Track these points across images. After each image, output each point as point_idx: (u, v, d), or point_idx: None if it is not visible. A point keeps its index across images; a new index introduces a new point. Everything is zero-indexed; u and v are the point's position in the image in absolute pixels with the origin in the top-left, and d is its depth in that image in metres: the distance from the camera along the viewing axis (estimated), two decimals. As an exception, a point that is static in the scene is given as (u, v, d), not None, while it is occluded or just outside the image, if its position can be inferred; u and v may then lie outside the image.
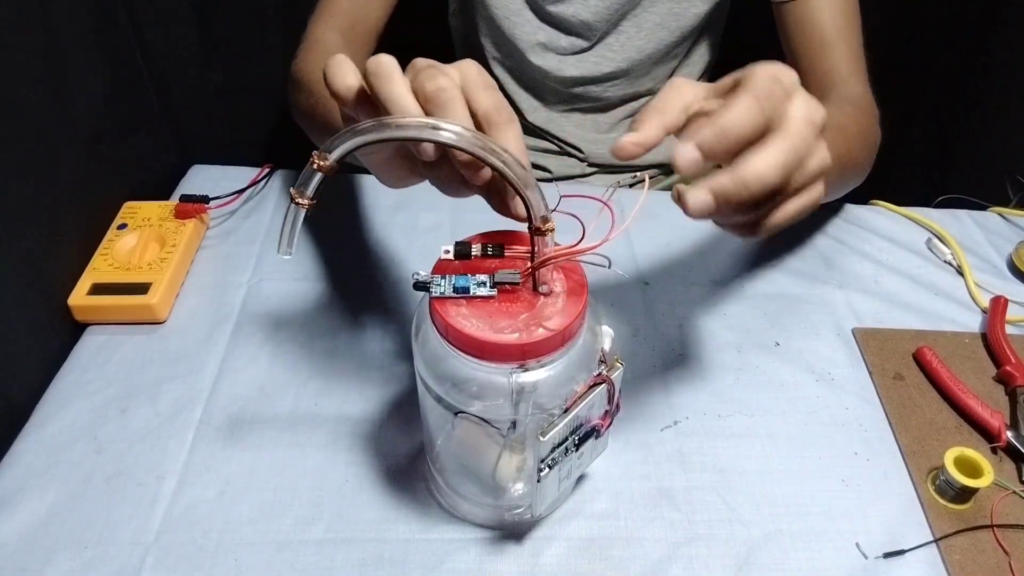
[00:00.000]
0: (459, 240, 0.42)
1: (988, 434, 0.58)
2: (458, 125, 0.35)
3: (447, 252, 0.42)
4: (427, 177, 0.41)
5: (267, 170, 0.79)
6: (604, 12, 0.79)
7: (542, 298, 0.40)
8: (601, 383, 0.43)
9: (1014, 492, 0.54)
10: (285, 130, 0.99)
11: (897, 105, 1.14)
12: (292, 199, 0.37)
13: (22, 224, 0.58)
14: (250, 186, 0.77)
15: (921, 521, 0.53)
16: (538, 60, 0.83)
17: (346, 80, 0.38)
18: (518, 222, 0.39)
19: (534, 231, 0.38)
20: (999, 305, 0.67)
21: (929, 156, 1.14)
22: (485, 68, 0.89)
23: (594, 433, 0.45)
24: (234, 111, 0.91)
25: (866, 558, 0.50)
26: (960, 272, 0.73)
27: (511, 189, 0.36)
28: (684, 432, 0.58)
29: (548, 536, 0.51)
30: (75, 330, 0.63)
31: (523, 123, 0.90)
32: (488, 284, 0.40)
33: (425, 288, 0.40)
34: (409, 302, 0.43)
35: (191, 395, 0.58)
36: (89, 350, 0.62)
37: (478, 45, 0.87)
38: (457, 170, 0.37)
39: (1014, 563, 0.50)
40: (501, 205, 0.40)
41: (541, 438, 0.40)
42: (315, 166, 0.36)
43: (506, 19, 0.82)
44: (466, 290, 0.39)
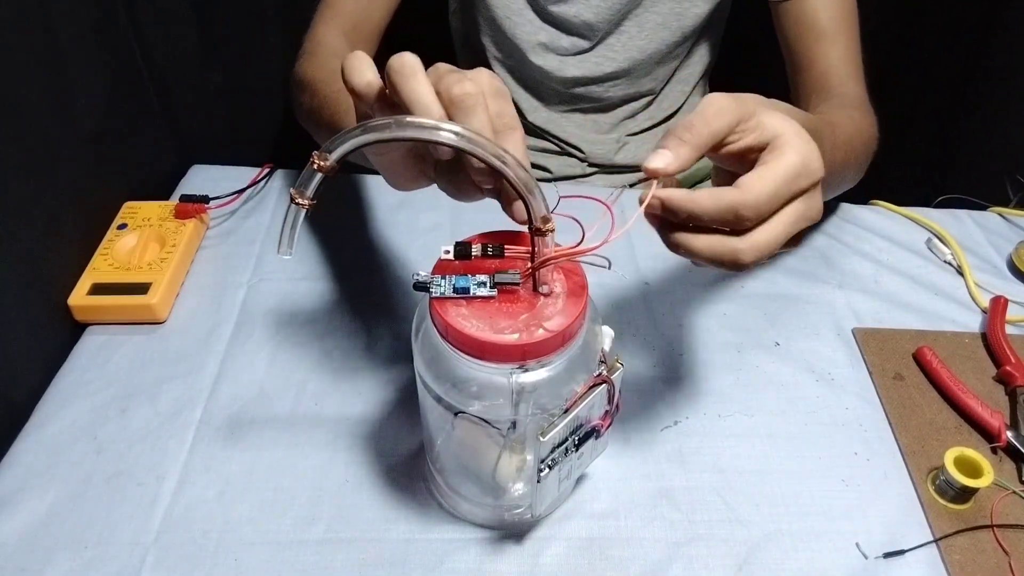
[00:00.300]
0: (459, 240, 0.42)
1: (988, 434, 0.58)
2: (458, 125, 0.35)
3: (447, 252, 0.42)
4: (437, 181, 0.41)
5: (267, 170, 0.79)
6: (606, 12, 0.79)
7: (542, 298, 0.40)
8: (601, 383, 0.43)
9: (1014, 492, 0.54)
10: (285, 130, 0.99)
11: (897, 105, 1.14)
12: (292, 199, 0.37)
13: (22, 224, 0.58)
14: (250, 186, 0.77)
15: (921, 521, 0.53)
16: (539, 60, 0.83)
17: (365, 76, 0.38)
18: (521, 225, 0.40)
19: (534, 231, 0.38)
20: (999, 305, 0.67)
21: (929, 156, 1.14)
22: (485, 68, 0.88)
23: (594, 433, 0.45)
24: (234, 111, 0.91)
25: (866, 558, 0.50)
26: (960, 272, 0.73)
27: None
28: (684, 432, 0.58)
29: (548, 536, 0.51)
30: (75, 330, 0.63)
31: (523, 123, 0.90)
32: (488, 284, 0.40)
33: (425, 288, 0.40)
34: (409, 302, 0.43)
35: (191, 395, 0.59)
36: (89, 350, 0.62)
37: (478, 45, 0.87)
38: (468, 174, 0.38)
39: (1014, 563, 0.50)
40: (509, 207, 0.40)
41: (541, 438, 0.40)
42: (315, 166, 0.36)
43: (507, 19, 0.82)
44: (466, 290, 0.39)
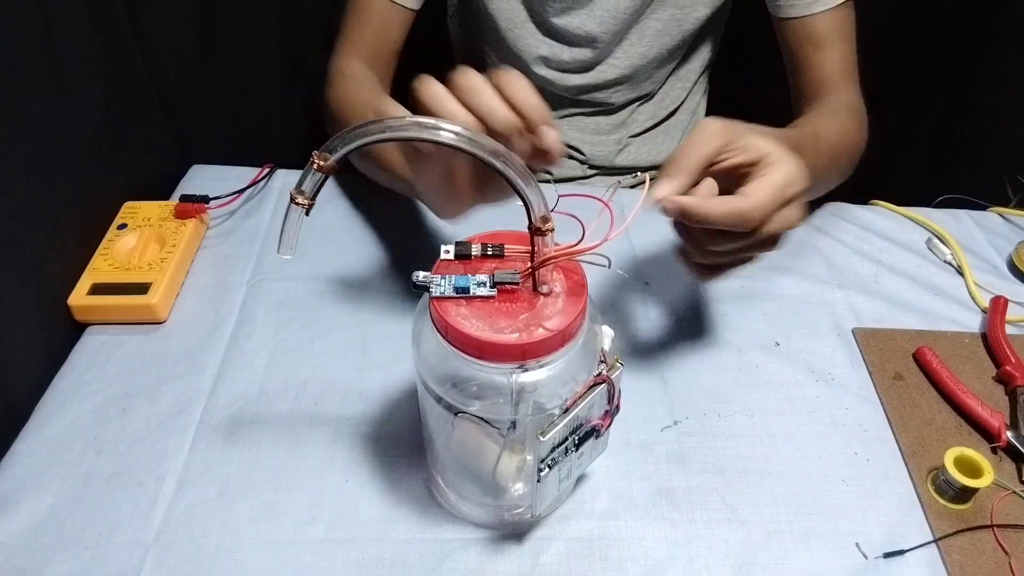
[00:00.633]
0: (459, 240, 0.42)
1: (988, 434, 0.58)
2: (457, 125, 0.35)
3: (447, 252, 0.42)
4: (479, 199, 0.46)
5: (267, 170, 0.79)
6: (611, 23, 0.79)
7: (542, 298, 0.40)
8: (601, 383, 0.43)
9: (1014, 492, 0.54)
10: (285, 130, 0.99)
11: (898, 105, 1.14)
12: (292, 199, 0.37)
13: (22, 224, 0.58)
14: (250, 186, 0.77)
15: (921, 521, 0.53)
16: (541, 71, 0.84)
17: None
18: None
19: (534, 231, 0.38)
20: (999, 305, 0.67)
21: (929, 156, 1.14)
22: (483, 73, 0.89)
23: (594, 433, 0.45)
24: (234, 111, 0.91)
25: (866, 558, 0.50)
26: (960, 272, 0.73)
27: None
28: (684, 432, 0.58)
29: (548, 536, 0.51)
30: (75, 330, 0.63)
31: None
32: (488, 284, 0.40)
33: (425, 288, 0.40)
34: (409, 302, 0.43)
35: (191, 395, 0.59)
36: (89, 350, 0.62)
37: (479, 51, 0.87)
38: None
39: (1014, 563, 0.50)
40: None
41: (541, 438, 0.40)
42: (315, 166, 0.36)
43: (509, 31, 0.82)
44: (466, 290, 0.39)
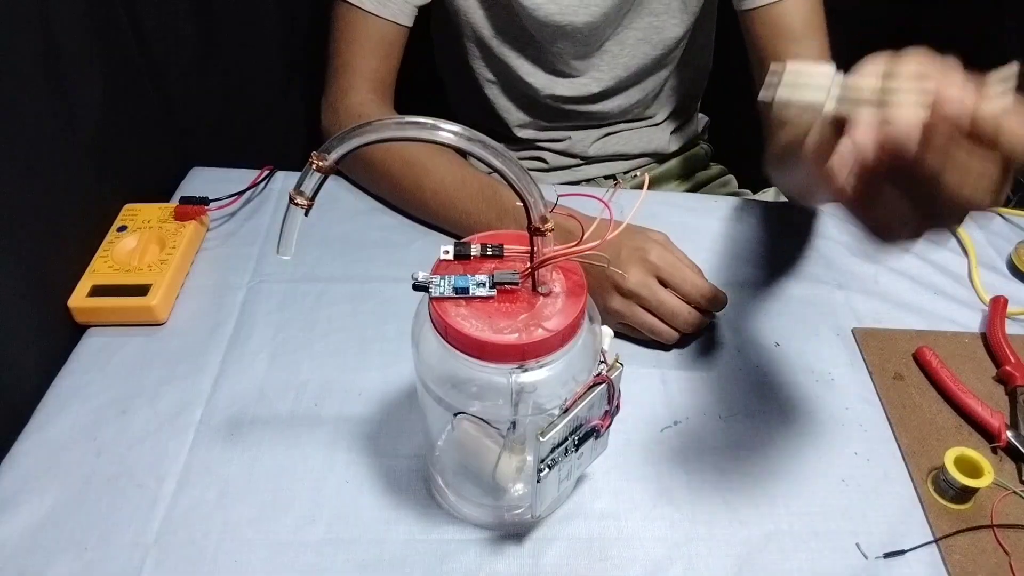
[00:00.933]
0: (459, 240, 0.42)
1: (988, 434, 0.58)
2: (456, 125, 0.35)
3: (447, 252, 0.42)
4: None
5: (267, 172, 0.79)
6: (584, 50, 0.81)
7: (541, 298, 0.40)
8: (601, 383, 0.43)
9: (1014, 492, 0.54)
10: (285, 131, 0.99)
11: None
12: (291, 200, 0.37)
13: (22, 226, 0.58)
14: (250, 188, 0.77)
15: (921, 521, 0.53)
16: (530, 79, 0.85)
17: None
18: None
19: (533, 231, 0.38)
20: (999, 305, 0.67)
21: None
22: (474, 83, 0.88)
23: (594, 433, 0.45)
24: (234, 113, 0.91)
25: (866, 558, 0.50)
26: (965, 252, 0.75)
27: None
28: (684, 432, 0.58)
29: (548, 536, 0.51)
30: (75, 332, 0.63)
31: (513, 137, 0.91)
32: (488, 284, 0.40)
33: (425, 289, 0.40)
34: (409, 303, 0.43)
35: (191, 396, 0.58)
36: (89, 352, 0.62)
37: (467, 67, 0.87)
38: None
39: (1014, 563, 0.50)
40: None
41: (541, 438, 0.40)
42: (314, 167, 0.36)
43: (492, 38, 0.82)
44: (466, 290, 0.39)
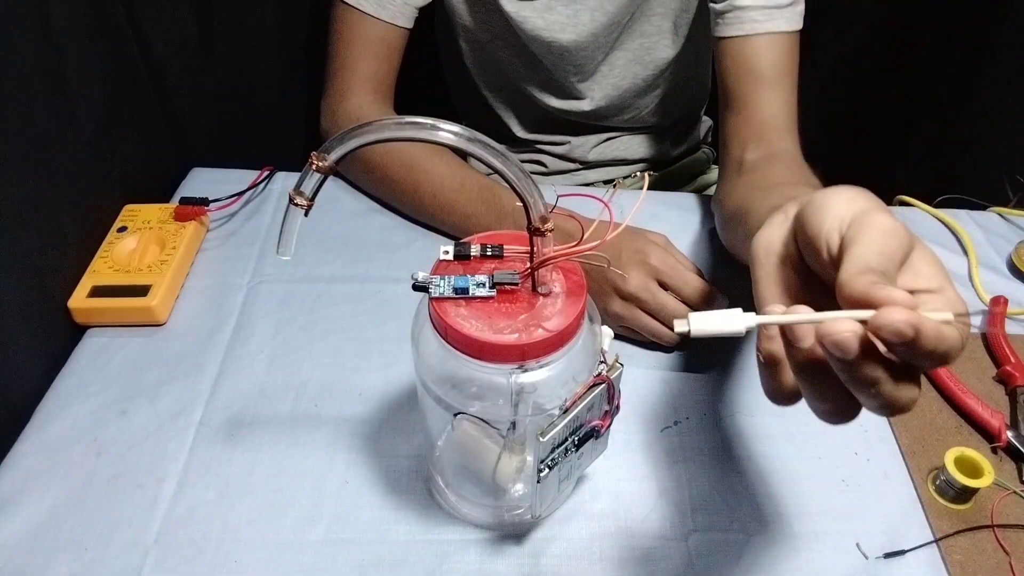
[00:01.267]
0: (459, 240, 0.42)
1: (988, 434, 0.58)
2: (456, 125, 0.35)
3: (447, 253, 0.42)
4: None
5: (267, 172, 0.79)
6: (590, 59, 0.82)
7: (541, 298, 0.40)
8: (601, 383, 0.43)
9: (1014, 492, 0.54)
10: (285, 131, 0.99)
11: (898, 106, 1.14)
12: (291, 200, 0.37)
13: (22, 226, 0.58)
14: (250, 188, 0.77)
15: (921, 521, 0.53)
16: (527, 86, 0.85)
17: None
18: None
19: (533, 231, 0.38)
20: (999, 305, 0.67)
21: (929, 156, 1.14)
22: (472, 85, 0.89)
23: (594, 433, 0.45)
24: (234, 113, 0.91)
25: (866, 558, 0.50)
26: (965, 252, 0.75)
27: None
28: (684, 432, 0.58)
29: (548, 537, 0.51)
30: (75, 332, 0.63)
31: (513, 138, 0.91)
32: (487, 285, 0.40)
33: (424, 289, 0.40)
34: (409, 303, 0.43)
35: (191, 397, 0.58)
36: (89, 352, 0.62)
37: (464, 66, 0.87)
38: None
39: (1014, 563, 0.50)
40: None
41: (541, 438, 0.40)
42: (314, 167, 0.36)
43: (490, 43, 0.82)
44: (465, 291, 0.39)
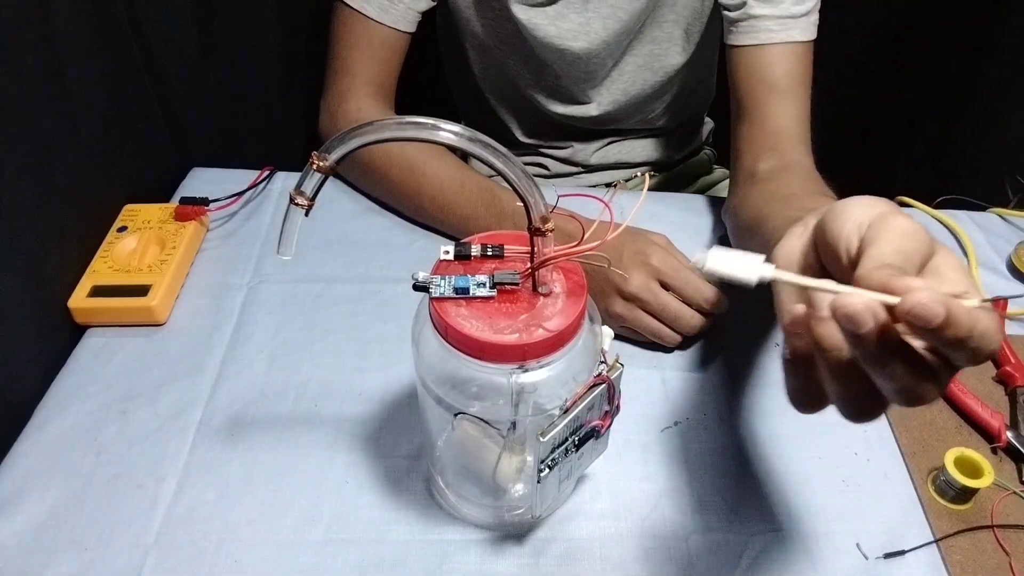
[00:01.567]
0: (459, 240, 0.42)
1: (988, 434, 0.58)
2: (457, 125, 0.35)
3: (447, 253, 0.42)
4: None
5: (267, 172, 0.79)
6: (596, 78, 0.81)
7: (542, 299, 0.40)
8: (601, 383, 0.43)
9: (1014, 492, 0.54)
10: (285, 131, 0.99)
11: (898, 107, 1.15)
12: (292, 200, 0.37)
13: (22, 226, 0.58)
14: (250, 188, 0.77)
15: (921, 521, 0.53)
16: (531, 91, 0.85)
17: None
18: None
19: (534, 232, 0.38)
20: (999, 305, 0.67)
21: (929, 157, 1.14)
22: (476, 89, 0.88)
23: (594, 433, 0.45)
24: (234, 113, 0.91)
25: (866, 558, 0.50)
26: (965, 253, 0.75)
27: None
28: (684, 432, 0.58)
29: (548, 537, 0.51)
30: (75, 332, 0.63)
31: (516, 141, 0.91)
32: (488, 284, 0.40)
33: (425, 289, 0.40)
34: (409, 303, 0.43)
35: (191, 397, 0.58)
36: (89, 352, 0.62)
37: (468, 70, 0.87)
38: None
39: (1014, 563, 0.50)
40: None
41: (541, 439, 0.40)
42: (315, 167, 0.36)
43: (496, 49, 0.82)
44: (466, 291, 0.39)
